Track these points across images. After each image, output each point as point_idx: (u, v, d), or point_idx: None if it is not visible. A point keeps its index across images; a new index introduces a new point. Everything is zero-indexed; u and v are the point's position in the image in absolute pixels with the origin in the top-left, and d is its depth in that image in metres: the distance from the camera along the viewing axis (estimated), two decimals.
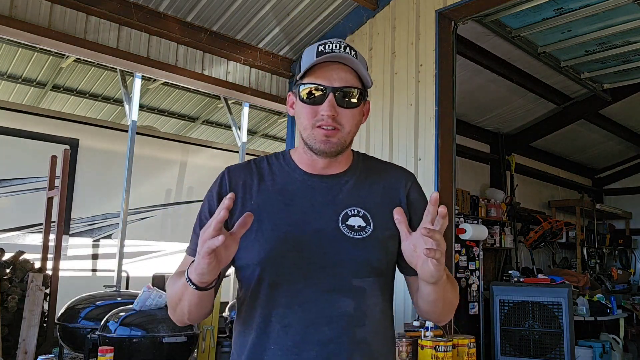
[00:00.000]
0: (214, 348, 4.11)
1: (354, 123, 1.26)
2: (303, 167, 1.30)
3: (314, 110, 1.22)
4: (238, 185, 1.29)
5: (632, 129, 8.46)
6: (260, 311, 1.22)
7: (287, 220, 1.23)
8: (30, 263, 3.87)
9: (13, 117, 5.57)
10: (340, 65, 1.23)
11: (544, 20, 4.75)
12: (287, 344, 1.18)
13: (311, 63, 1.22)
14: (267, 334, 1.20)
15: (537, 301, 4.73)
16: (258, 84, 5.23)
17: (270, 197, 1.26)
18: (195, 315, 1.22)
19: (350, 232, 1.22)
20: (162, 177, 6.82)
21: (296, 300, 1.19)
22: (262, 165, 1.33)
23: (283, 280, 1.20)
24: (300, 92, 1.24)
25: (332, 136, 1.22)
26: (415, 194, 1.33)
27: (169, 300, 1.27)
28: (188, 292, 1.14)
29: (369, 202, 1.27)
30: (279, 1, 4.57)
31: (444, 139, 4.09)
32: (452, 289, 1.25)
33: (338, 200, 1.26)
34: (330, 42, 1.24)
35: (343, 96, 1.22)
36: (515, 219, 7.48)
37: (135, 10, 4.23)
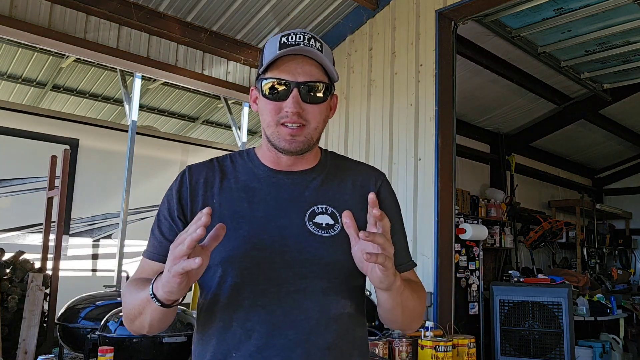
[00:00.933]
0: None
1: (321, 119, 1.19)
2: (267, 164, 1.24)
3: (278, 107, 1.15)
4: (199, 182, 1.22)
5: (632, 129, 8.46)
6: (221, 315, 1.14)
7: (250, 218, 1.16)
8: (30, 263, 3.87)
9: (13, 117, 5.57)
10: (305, 58, 1.15)
11: (544, 20, 4.75)
12: (250, 349, 1.11)
13: (273, 56, 1.14)
14: (227, 340, 1.13)
15: (537, 301, 4.72)
16: None
17: (232, 195, 1.20)
18: (156, 328, 1.13)
19: (318, 230, 1.15)
20: (162, 177, 6.82)
21: (259, 302, 1.12)
22: (225, 163, 1.27)
23: (245, 281, 1.13)
24: (262, 87, 1.17)
25: (298, 135, 1.15)
26: (386, 192, 1.27)
27: (125, 311, 1.16)
28: (151, 308, 1.05)
29: (337, 200, 1.21)
30: (279, 1, 4.56)
31: (444, 139, 4.09)
32: (414, 296, 1.16)
33: (304, 197, 1.20)
34: (293, 34, 1.16)
35: (308, 91, 1.15)
36: (515, 219, 7.48)
37: (135, 10, 4.23)
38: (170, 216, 1.21)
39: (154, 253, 1.22)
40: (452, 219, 4.05)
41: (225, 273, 1.14)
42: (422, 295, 1.24)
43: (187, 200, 1.21)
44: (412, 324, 1.24)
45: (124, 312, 1.17)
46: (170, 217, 1.21)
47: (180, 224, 1.19)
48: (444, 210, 3.97)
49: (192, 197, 1.21)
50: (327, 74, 1.19)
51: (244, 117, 5.93)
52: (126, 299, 1.16)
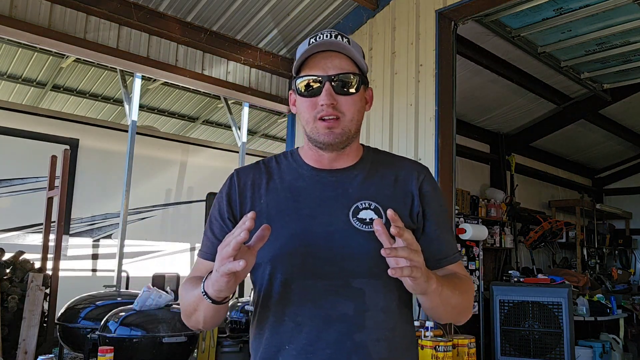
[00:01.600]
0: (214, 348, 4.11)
1: (356, 109, 1.22)
2: (310, 163, 1.28)
3: (313, 102, 1.19)
4: (247, 185, 1.27)
5: (632, 129, 8.46)
6: (273, 310, 1.19)
7: (296, 216, 1.21)
8: (30, 263, 3.87)
9: (13, 117, 5.57)
10: (334, 53, 1.20)
11: (544, 20, 4.75)
12: (302, 342, 1.15)
13: (304, 55, 1.20)
14: (280, 333, 1.17)
15: (537, 301, 4.72)
16: (258, 84, 5.23)
17: (278, 195, 1.24)
18: (210, 323, 1.21)
19: (362, 225, 1.18)
20: (162, 177, 6.82)
21: (308, 297, 1.16)
22: (270, 165, 1.31)
23: (294, 277, 1.17)
24: (297, 87, 1.22)
25: (335, 127, 1.19)
26: (429, 186, 1.28)
27: (183, 308, 1.24)
28: (204, 305, 1.12)
29: (380, 195, 1.23)
30: (279, 1, 4.57)
31: (444, 139, 4.09)
32: (456, 293, 1.18)
33: (348, 194, 1.23)
34: (320, 33, 1.22)
35: (340, 83, 1.19)
36: (515, 219, 7.48)
37: (135, 10, 4.23)
38: (221, 218, 1.27)
39: (206, 253, 1.28)
40: (452, 219, 4.05)
41: (275, 270, 1.19)
42: (466, 289, 1.25)
43: (236, 202, 1.27)
44: (458, 318, 1.27)
45: (181, 309, 1.24)
46: (220, 219, 1.27)
47: (231, 224, 1.25)
48: None
49: (241, 199, 1.27)
50: (358, 67, 1.22)
51: (244, 117, 5.92)
52: (183, 297, 1.23)
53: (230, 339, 4.25)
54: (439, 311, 1.20)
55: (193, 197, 7.05)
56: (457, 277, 1.25)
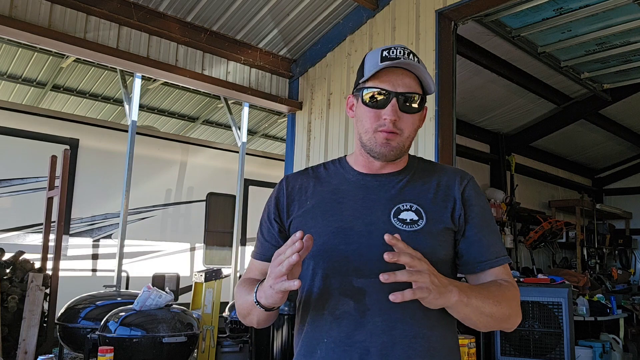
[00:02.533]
0: (214, 348, 4.12)
1: (414, 128, 1.27)
2: (358, 169, 1.33)
3: (377, 114, 1.24)
4: (294, 189, 1.35)
5: (632, 129, 8.46)
6: (315, 304, 1.24)
7: (339, 216, 1.26)
8: (30, 263, 3.87)
9: (13, 117, 5.57)
10: (404, 71, 1.25)
11: (544, 20, 4.75)
12: (340, 335, 1.19)
13: (378, 67, 1.23)
14: (320, 327, 1.22)
15: (537, 301, 4.72)
16: (258, 84, 5.23)
17: (324, 197, 1.31)
18: (264, 324, 1.28)
19: (402, 225, 1.22)
20: (162, 177, 6.82)
21: (348, 292, 1.20)
22: (318, 170, 1.39)
23: (335, 273, 1.22)
24: (363, 96, 1.26)
25: (393, 140, 1.24)
26: (471, 191, 1.31)
27: (238, 309, 1.33)
28: (257, 311, 1.20)
29: (422, 198, 1.28)
30: (279, 1, 4.57)
31: (444, 139, 4.09)
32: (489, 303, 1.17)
33: (390, 195, 1.28)
34: (394, 48, 1.25)
35: (405, 101, 1.24)
36: (515, 219, 7.48)
37: (135, 10, 4.23)
38: (268, 220, 1.36)
39: (258, 253, 1.37)
40: None
41: (317, 266, 1.24)
42: (506, 296, 1.22)
43: (283, 205, 1.34)
44: (501, 326, 1.24)
45: (237, 309, 1.34)
46: (268, 221, 1.36)
47: (277, 225, 1.33)
48: None
49: (289, 201, 1.34)
50: (421, 87, 1.27)
51: (244, 117, 5.93)
52: (238, 298, 1.32)
53: (230, 339, 4.26)
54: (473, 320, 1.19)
55: (193, 197, 7.05)
56: (496, 285, 1.24)
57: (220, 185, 7.21)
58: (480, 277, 1.28)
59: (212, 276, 4.37)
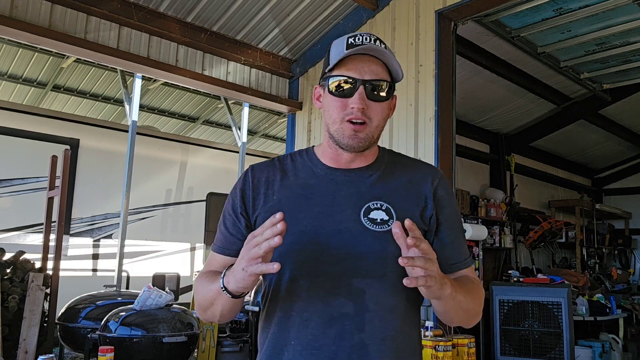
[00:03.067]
0: (214, 348, 4.12)
1: (383, 117, 1.23)
2: (326, 162, 1.29)
3: (344, 103, 1.19)
4: (261, 181, 1.28)
5: (631, 129, 8.46)
6: (282, 305, 1.20)
7: (308, 213, 1.21)
8: (30, 263, 3.88)
9: (13, 117, 5.58)
10: (371, 58, 1.20)
11: (544, 20, 4.76)
12: (307, 338, 1.16)
13: (342, 55, 1.18)
14: (287, 329, 1.19)
15: (536, 301, 4.73)
16: (258, 84, 5.24)
17: (292, 192, 1.25)
18: (226, 317, 1.23)
19: (373, 225, 1.19)
20: (162, 177, 6.82)
21: (317, 294, 1.17)
22: (285, 162, 1.33)
23: (303, 274, 1.18)
24: (329, 85, 1.21)
25: (361, 131, 1.20)
26: (443, 191, 1.29)
27: (198, 302, 1.25)
28: (222, 299, 1.14)
29: (393, 196, 1.24)
30: (279, 2, 4.57)
31: (444, 139, 4.10)
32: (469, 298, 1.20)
33: (360, 193, 1.24)
34: (360, 35, 1.21)
35: (373, 89, 1.19)
36: (515, 219, 7.48)
37: (135, 11, 4.24)
38: (234, 213, 1.28)
39: (220, 247, 1.30)
40: None
41: (285, 266, 1.18)
42: (478, 294, 1.26)
43: (249, 198, 1.28)
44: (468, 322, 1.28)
45: (196, 303, 1.26)
46: (234, 214, 1.29)
47: (243, 220, 1.27)
48: None
49: (254, 195, 1.27)
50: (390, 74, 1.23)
51: (244, 117, 5.93)
52: (198, 291, 1.24)
53: (230, 339, 4.26)
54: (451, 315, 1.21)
55: (193, 197, 7.06)
56: (471, 282, 1.26)
57: (220, 185, 7.21)
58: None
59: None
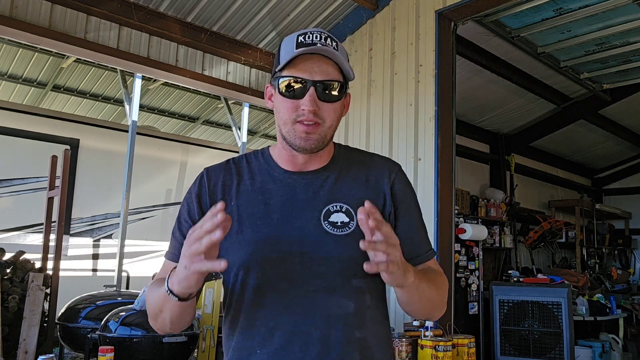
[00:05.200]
0: (214, 348, 4.12)
1: (335, 117, 1.20)
2: (282, 165, 1.25)
3: (295, 105, 1.16)
4: (217, 186, 1.25)
5: (631, 129, 8.46)
6: (245, 314, 1.18)
7: (267, 220, 1.19)
8: (30, 263, 3.88)
9: (13, 117, 5.57)
10: (321, 57, 1.17)
11: (544, 20, 4.76)
12: (274, 346, 1.14)
13: (291, 55, 1.15)
14: (252, 337, 1.16)
15: (536, 301, 4.73)
16: (258, 84, 5.24)
17: (250, 198, 1.22)
18: (177, 324, 1.17)
19: (333, 229, 1.17)
20: (162, 177, 6.82)
21: (281, 302, 1.15)
22: (241, 165, 1.28)
23: (267, 283, 1.16)
24: (279, 85, 1.18)
25: (313, 132, 1.17)
26: (401, 184, 1.28)
27: (149, 310, 1.20)
28: (169, 304, 1.09)
29: (352, 197, 1.22)
30: (279, 2, 4.57)
31: (444, 139, 4.10)
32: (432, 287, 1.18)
33: (319, 196, 1.21)
34: (310, 33, 1.18)
35: (324, 89, 1.16)
36: (515, 219, 7.48)
37: (135, 11, 4.24)
38: (191, 219, 1.25)
39: (175, 255, 1.23)
40: (451, 219, 4.06)
41: (247, 275, 1.17)
42: (441, 284, 1.24)
43: (206, 204, 1.23)
44: (433, 313, 1.26)
45: (148, 311, 1.21)
46: (190, 220, 1.25)
47: None
48: (443, 210, 3.98)
49: (212, 200, 1.23)
50: (342, 73, 1.21)
51: (244, 117, 5.93)
52: (148, 299, 1.21)
53: None
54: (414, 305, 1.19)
55: None
56: (434, 272, 1.25)
57: None
58: None
59: (212, 276, 4.37)
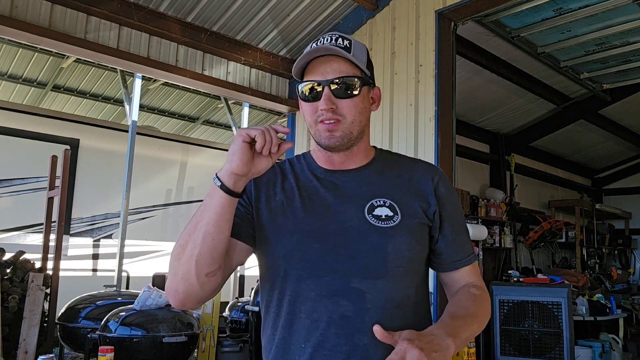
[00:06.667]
0: (214, 348, 4.12)
1: (357, 112, 1.22)
2: (322, 164, 1.29)
3: (314, 107, 1.20)
4: (262, 182, 1.27)
5: (631, 129, 8.47)
6: (288, 307, 1.18)
7: (311, 213, 1.21)
8: (30, 263, 3.88)
9: (13, 117, 5.57)
10: (334, 57, 1.21)
11: (544, 20, 4.76)
12: (318, 339, 1.14)
13: (303, 62, 1.22)
14: (296, 330, 1.16)
15: (536, 301, 4.73)
16: (258, 84, 5.24)
17: (293, 193, 1.25)
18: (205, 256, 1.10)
19: (378, 222, 1.19)
20: (162, 177, 6.82)
21: (325, 293, 1.15)
22: (284, 167, 1.33)
23: (310, 274, 1.17)
24: (299, 92, 1.24)
25: (335, 130, 1.19)
26: (444, 187, 1.29)
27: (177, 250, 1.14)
28: (210, 206, 1.09)
29: (395, 193, 1.24)
30: (279, 2, 4.57)
31: (444, 139, 4.10)
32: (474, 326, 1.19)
33: (362, 192, 1.24)
34: (322, 37, 1.23)
35: (340, 87, 1.19)
36: (515, 219, 7.49)
37: (135, 11, 4.24)
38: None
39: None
40: None
41: (289, 267, 1.18)
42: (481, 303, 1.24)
43: (251, 193, 1.26)
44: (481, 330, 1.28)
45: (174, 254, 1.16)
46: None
47: (242, 209, 1.22)
48: None
49: (257, 193, 1.26)
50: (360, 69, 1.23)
51: (244, 117, 5.93)
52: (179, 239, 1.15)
53: (231, 339, 4.26)
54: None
55: (193, 197, 7.05)
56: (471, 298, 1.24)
57: None
58: (453, 275, 1.29)
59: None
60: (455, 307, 1.21)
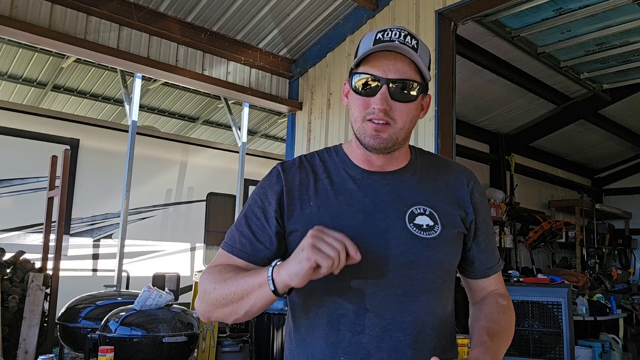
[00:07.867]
0: (214, 348, 4.12)
1: (409, 118, 1.15)
2: (359, 164, 1.22)
3: (366, 102, 1.13)
4: (294, 184, 1.19)
5: (631, 129, 8.47)
6: (328, 318, 1.12)
7: (351, 221, 1.14)
8: (30, 263, 3.88)
9: (14, 117, 5.58)
10: (398, 55, 1.12)
11: (544, 20, 4.76)
12: (361, 352, 1.09)
13: (366, 51, 1.12)
14: (336, 343, 1.11)
15: (536, 301, 4.73)
16: (258, 84, 5.24)
17: (329, 198, 1.17)
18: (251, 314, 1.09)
19: (420, 232, 1.14)
20: (162, 177, 6.83)
21: (367, 305, 1.11)
22: (314, 162, 1.24)
23: (353, 286, 1.11)
24: (353, 82, 1.15)
25: (383, 131, 1.12)
26: (478, 193, 1.26)
27: (214, 297, 1.10)
28: (260, 294, 1.04)
29: (434, 200, 1.19)
30: (279, 2, 4.57)
31: (444, 139, 4.10)
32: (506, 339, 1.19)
33: (402, 198, 1.18)
34: (390, 30, 1.14)
35: (398, 89, 1.11)
36: (515, 219, 7.49)
37: (135, 11, 4.24)
38: (265, 216, 1.17)
39: (241, 251, 1.16)
40: None
41: (330, 277, 1.08)
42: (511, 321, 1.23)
43: (285, 203, 1.17)
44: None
45: (211, 299, 1.11)
46: (264, 217, 1.17)
47: (276, 225, 1.16)
48: None
49: (289, 200, 1.18)
50: (420, 74, 1.15)
51: (244, 117, 5.93)
52: (218, 286, 1.10)
53: (230, 339, 4.26)
54: None
55: (193, 197, 7.06)
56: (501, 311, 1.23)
57: (220, 185, 7.21)
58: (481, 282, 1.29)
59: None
60: (489, 322, 1.19)
